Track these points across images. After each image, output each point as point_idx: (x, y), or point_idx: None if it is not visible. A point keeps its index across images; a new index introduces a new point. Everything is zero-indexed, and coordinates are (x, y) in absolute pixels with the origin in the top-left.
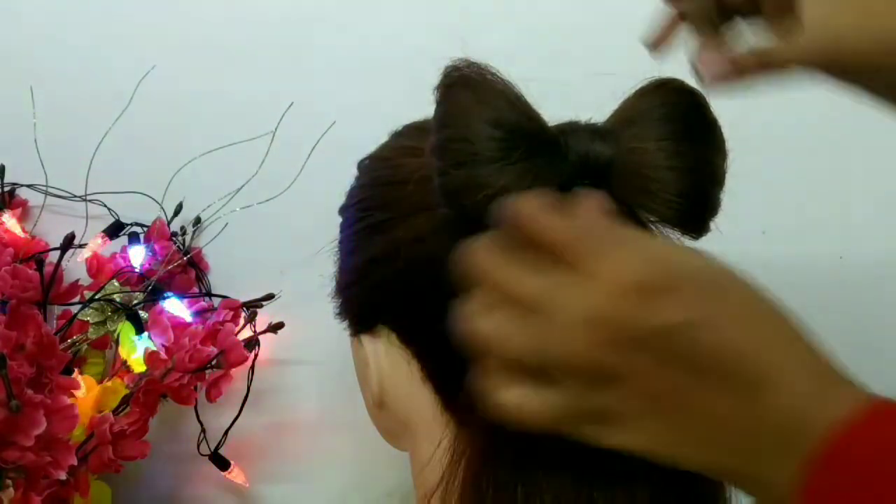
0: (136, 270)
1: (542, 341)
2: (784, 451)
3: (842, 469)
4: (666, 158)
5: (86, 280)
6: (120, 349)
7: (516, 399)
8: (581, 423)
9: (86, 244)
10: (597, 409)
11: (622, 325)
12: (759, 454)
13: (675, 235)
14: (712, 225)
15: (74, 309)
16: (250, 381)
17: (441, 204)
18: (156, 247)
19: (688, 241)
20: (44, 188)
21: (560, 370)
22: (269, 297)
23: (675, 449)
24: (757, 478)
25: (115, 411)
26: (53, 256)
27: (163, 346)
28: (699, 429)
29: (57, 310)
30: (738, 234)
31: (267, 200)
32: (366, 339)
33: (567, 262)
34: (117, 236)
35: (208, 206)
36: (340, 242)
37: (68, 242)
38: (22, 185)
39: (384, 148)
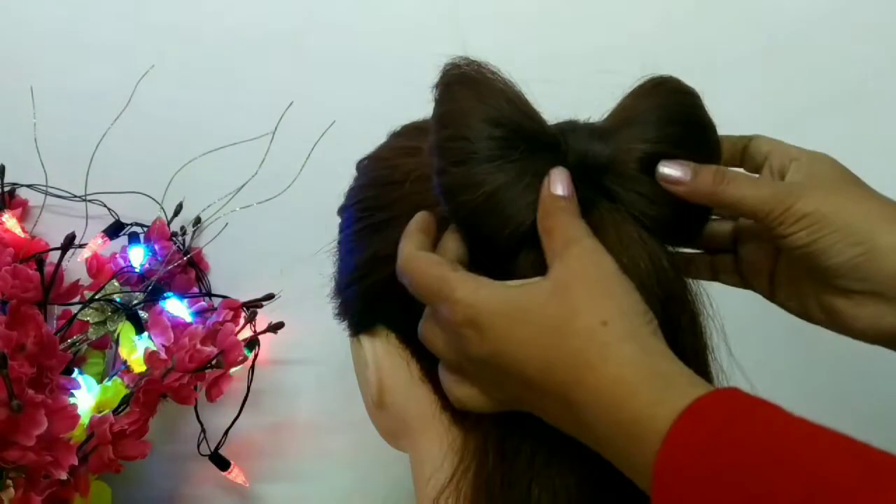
0: (136, 270)
1: (446, 353)
2: (623, 455)
3: (676, 470)
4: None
5: (86, 280)
6: (120, 349)
7: (463, 394)
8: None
9: (86, 244)
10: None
11: (462, 355)
12: (605, 451)
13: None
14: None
15: (74, 309)
16: (250, 381)
17: (440, 202)
18: (156, 247)
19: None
20: (44, 188)
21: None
22: (269, 297)
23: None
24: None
25: (115, 411)
26: (53, 256)
27: (163, 346)
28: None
29: (57, 310)
30: None
31: (267, 200)
32: (365, 340)
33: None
34: (117, 236)
35: (208, 206)
36: (340, 243)
37: (68, 242)
38: (22, 185)
39: (383, 148)
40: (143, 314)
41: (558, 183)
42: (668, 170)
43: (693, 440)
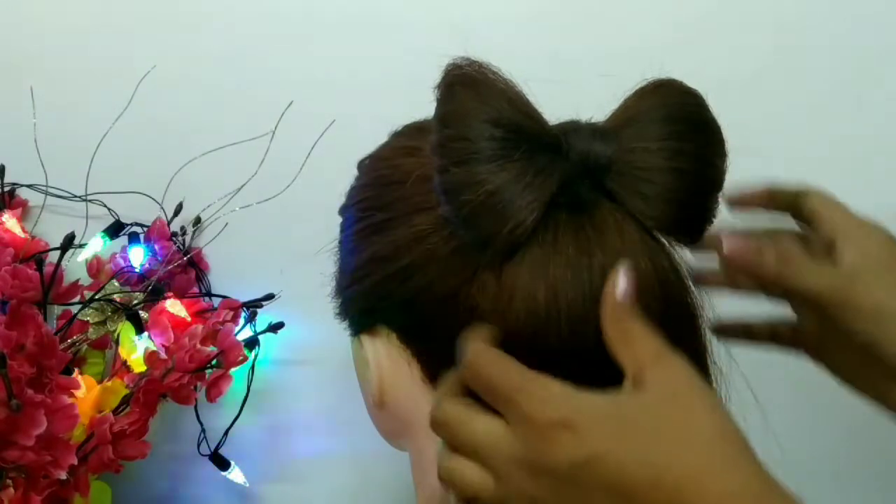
0: (136, 270)
1: (490, 482)
2: None
3: None
4: (666, 159)
5: (86, 280)
6: (120, 349)
7: None
8: None
9: (86, 244)
10: None
11: (538, 463)
12: None
13: (672, 238)
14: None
15: (74, 309)
16: (250, 381)
17: (441, 202)
18: (156, 247)
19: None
20: (44, 188)
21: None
22: (269, 297)
23: None
24: None
25: (115, 411)
26: (53, 256)
27: (163, 346)
28: None
29: (57, 310)
30: None
31: (267, 200)
32: (366, 340)
33: (500, 405)
34: (117, 236)
35: (208, 206)
36: (340, 242)
37: (68, 242)
38: (22, 185)
39: (384, 147)
40: (143, 314)
41: (626, 284)
42: (734, 245)
43: None
